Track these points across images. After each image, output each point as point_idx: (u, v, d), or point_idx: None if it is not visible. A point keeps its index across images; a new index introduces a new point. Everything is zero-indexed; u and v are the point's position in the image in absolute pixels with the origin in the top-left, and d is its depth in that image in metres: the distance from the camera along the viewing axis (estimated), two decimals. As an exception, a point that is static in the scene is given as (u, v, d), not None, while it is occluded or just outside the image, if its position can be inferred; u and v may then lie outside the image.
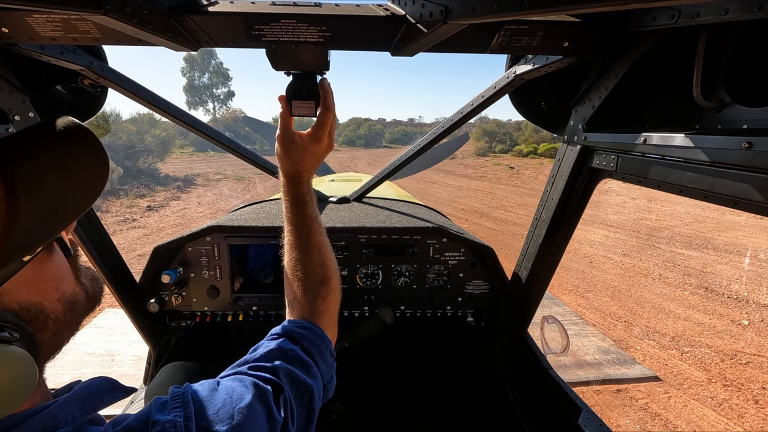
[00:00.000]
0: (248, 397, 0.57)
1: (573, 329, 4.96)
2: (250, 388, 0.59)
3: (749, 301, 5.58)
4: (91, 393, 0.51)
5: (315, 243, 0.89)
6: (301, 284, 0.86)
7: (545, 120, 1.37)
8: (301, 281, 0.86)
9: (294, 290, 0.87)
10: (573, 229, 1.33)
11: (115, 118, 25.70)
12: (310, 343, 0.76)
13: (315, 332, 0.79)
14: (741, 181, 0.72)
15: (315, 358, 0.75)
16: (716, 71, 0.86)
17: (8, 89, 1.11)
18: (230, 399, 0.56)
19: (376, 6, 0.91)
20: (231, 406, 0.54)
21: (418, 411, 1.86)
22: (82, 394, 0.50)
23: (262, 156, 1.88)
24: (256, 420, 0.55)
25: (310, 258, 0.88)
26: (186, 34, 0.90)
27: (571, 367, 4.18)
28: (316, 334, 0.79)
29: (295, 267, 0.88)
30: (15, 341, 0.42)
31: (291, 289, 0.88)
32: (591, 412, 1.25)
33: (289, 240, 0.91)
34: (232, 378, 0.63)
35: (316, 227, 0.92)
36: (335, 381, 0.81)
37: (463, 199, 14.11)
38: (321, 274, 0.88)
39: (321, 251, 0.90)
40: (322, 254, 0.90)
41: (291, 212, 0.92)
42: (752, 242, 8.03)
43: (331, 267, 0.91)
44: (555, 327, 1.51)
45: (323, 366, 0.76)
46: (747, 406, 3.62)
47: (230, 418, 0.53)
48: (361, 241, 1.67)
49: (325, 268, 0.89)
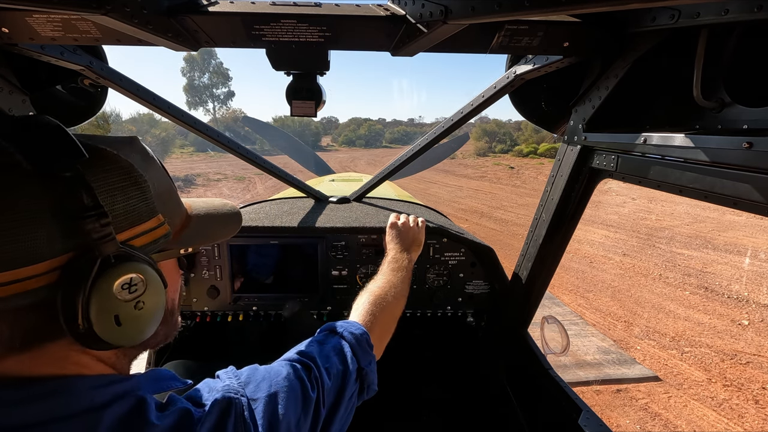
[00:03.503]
0: (285, 372, 0.68)
1: (573, 329, 4.97)
2: (285, 366, 0.70)
3: (749, 301, 5.58)
4: (159, 376, 0.59)
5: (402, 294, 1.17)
6: (376, 308, 1.04)
7: (545, 120, 1.37)
8: (368, 303, 1.05)
9: (361, 302, 1.06)
10: (573, 229, 1.33)
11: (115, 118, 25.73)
12: (346, 331, 0.86)
13: (354, 325, 0.90)
14: (741, 181, 0.72)
15: (350, 343, 0.84)
16: (716, 71, 0.86)
17: (8, 89, 1.11)
18: (269, 374, 0.67)
19: (376, 6, 0.91)
20: (270, 380, 0.65)
21: (418, 411, 1.86)
22: (153, 375, 0.58)
23: (262, 156, 1.88)
24: (291, 391, 0.65)
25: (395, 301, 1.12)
26: (186, 34, 0.90)
27: (571, 367, 4.19)
28: (354, 326, 0.89)
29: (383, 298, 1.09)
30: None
31: (361, 301, 1.07)
32: (591, 412, 1.25)
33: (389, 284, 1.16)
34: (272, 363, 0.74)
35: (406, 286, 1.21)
36: (375, 371, 0.88)
37: (463, 199, 14.11)
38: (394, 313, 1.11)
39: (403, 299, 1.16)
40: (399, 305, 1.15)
41: (396, 275, 1.21)
42: (752, 242, 8.03)
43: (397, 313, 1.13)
44: (555, 327, 1.51)
45: (359, 351, 0.84)
46: (747, 406, 3.62)
47: (269, 387, 0.63)
48: (361, 241, 1.67)
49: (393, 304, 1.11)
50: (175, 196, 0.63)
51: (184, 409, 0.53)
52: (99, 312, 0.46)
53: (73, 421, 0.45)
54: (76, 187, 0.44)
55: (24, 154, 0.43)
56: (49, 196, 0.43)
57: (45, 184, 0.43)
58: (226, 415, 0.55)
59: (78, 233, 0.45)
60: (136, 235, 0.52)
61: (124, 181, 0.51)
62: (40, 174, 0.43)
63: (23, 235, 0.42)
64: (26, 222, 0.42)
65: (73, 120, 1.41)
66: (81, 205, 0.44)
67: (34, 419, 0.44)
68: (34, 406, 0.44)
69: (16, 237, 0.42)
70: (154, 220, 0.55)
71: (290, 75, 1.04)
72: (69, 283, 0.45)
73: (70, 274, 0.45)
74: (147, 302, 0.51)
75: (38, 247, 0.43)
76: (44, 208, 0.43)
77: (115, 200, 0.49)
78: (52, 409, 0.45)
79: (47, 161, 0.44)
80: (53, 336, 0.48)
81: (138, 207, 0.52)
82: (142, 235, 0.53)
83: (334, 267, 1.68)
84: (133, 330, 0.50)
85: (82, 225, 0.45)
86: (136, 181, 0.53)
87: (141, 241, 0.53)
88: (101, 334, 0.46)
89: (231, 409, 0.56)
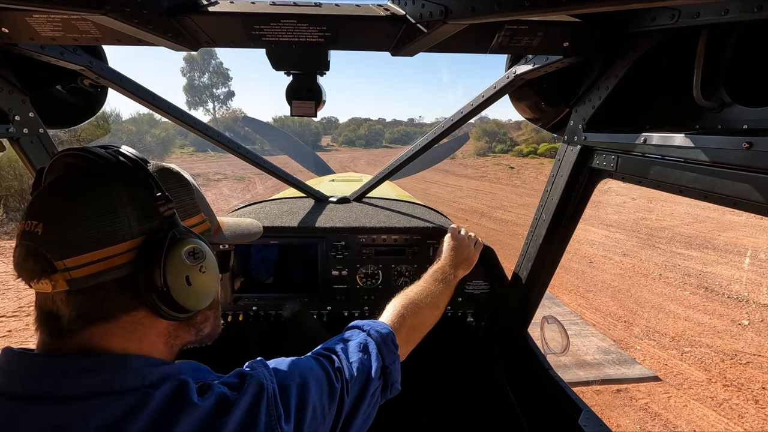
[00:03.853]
0: (312, 363, 0.74)
1: (573, 329, 4.97)
2: (311, 359, 0.76)
3: (749, 301, 5.58)
4: (198, 368, 0.66)
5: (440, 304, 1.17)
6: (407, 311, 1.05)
7: (545, 120, 1.37)
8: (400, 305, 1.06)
9: (396, 307, 1.06)
10: (573, 229, 1.33)
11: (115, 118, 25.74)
12: (372, 329, 0.90)
13: (380, 324, 0.93)
14: (741, 181, 0.72)
15: (376, 340, 0.87)
16: (716, 71, 0.86)
17: (8, 89, 1.11)
18: (297, 364, 0.72)
19: (376, 6, 0.91)
20: (299, 369, 0.71)
21: (418, 410, 1.86)
22: (192, 365, 0.65)
23: (262, 156, 1.88)
24: (318, 380, 0.70)
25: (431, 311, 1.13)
26: (186, 34, 0.90)
27: (572, 367, 4.18)
28: (380, 325, 0.93)
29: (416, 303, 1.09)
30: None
31: (394, 302, 1.08)
32: (591, 412, 1.25)
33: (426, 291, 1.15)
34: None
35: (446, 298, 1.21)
36: (399, 370, 0.90)
37: (463, 199, 14.11)
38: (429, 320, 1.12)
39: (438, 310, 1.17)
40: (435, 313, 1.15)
41: (437, 285, 1.21)
42: (752, 242, 8.03)
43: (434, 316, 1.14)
44: (555, 327, 1.51)
45: (384, 349, 0.87)
46: (747, 406, 3.62)
47: (297, 376, 0.69)
48: (361, 241, 1.67)
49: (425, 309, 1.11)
50: (208, 204, 0.76)
51: (221, 393, 0.59)
52: (174, 274, 0.57)
53: (128, 395, 0.53)
54: (147, 181, 0.58)
55: (109, 163, 0.57)
56: (126, 190, 0.57)
57: (123, 181, 0.57)
58: (258, 398, 0.61)
59: (150, 217, 0.58)
60: (189, 226, 0.65)
61: (178, 184, 0.66)
62: (120, 175, 0.57)
63: (110, 220, 0.55)
64: (112, 210, 0.55)
65: (73, 120, 1.41)
66: (151, 194, 0.58)
67: (97, 389, 0.52)
68: (98, 376, 0.53)
69: (105, 222, 0.54)
70: (198, 217, 0.69)
71: (290, 75, 1.04)
72: (147, 256, 0.56)
73: (148, 249, 0.57)
74: (207, 268, 0.62)
75: (122, 230, 0.55)
76: (124, 199, 0.56)
77: (173, 195, 0.63)
78: (111, 382, 0.53)
79: (123, 166, 0.58)
80: (130, 308, 0.58)
81: (188, 203, 0.67)
82: (193, 227, 0.66)
83: (334, 267, 1.68)
84: (199, 292, 0.61)
85: (154, 208, 0.58)
86: (186, 184, 0.68)
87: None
88: (176, 295, 0.57)
89: (263, 393, 0.62)
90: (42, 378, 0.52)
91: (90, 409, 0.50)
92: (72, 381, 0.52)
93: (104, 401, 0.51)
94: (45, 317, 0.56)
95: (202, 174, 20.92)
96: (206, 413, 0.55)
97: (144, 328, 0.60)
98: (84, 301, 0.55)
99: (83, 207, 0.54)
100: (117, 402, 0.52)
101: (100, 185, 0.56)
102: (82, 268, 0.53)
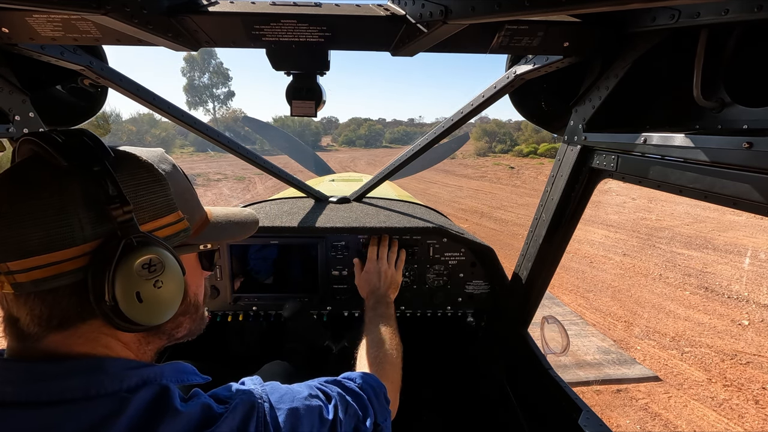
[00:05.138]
0: (305, 392, 0.70)
1: (573, 329, 4.97)
2: (305, 389, 0.72)
3: (749, 301, 5.58)
4: (182, 369, 0.62)
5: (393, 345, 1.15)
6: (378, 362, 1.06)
7: (545, 120, 1.37)
8: (377, 360, 1.06)
9: (369, 360, 1.07)
10: (573, 229, 1.33)
11: (115, 118, 25.75)
12: (365, 382, 0.86)
13: (373, 377, 0.90)
14: (741, 181, 0.72)
15: (368, 394, 0.84)
16: (716, 71, 0.86)
17: (8, 89, 1.10)
18: (291, 391, 0.69)
19: (376, 6, 0.91)
20: (292, 395, 0.67)
21: (418, 411, 1.86)
22: (175, 367, 0.61)
23: (262, 156, 1.88)
24: (310, 411, 0.67)
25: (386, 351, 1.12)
26: (186, 34, 0.90)
27: (572, 367, 4.19)
28: (373, 379, 0.90)
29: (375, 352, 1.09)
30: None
31: (368, 358, 1.07)
32: (591, 412, 1.25)
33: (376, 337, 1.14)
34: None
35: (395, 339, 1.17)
36: (390, 428, 0.87)
37: (463, 199, 14.12)
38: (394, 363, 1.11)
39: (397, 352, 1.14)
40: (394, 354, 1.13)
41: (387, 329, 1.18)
42: (752, 242, 8.03)
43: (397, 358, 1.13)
44: (555, 327, 1.51)
45: (377, 404, 0.84)
46: (747, 406, 3.62)
47: (291, 401, 0.66)
48: (361, 241, 1.67)
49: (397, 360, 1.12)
50: (193, 197, 0.70)
51: (205, 404, 0.56)
52: (122, 288, 0.51)
53: (105, 400, 0.50)
54: (103, 179, 0.51)
55: (62, 155, 0.51)
56: (80, 188, 0.51)
57: (77, 177, 0.51)
58: (249, 416, 0.58)
59: (105, 221, 0.52)
60: (157, 227, 0.59)
61: (146, 179, 0.58)
62: (74, 170, 0.51)
63: (59, 221, 0.49)
64: (61, 210, 0.49)
65: (73, 120, 1.41)
66: (107, 194, 0.51)
67: (70, 395, 0.48)
68: (72, 380, 0.49)
69: (53, 223, 0.49)
70: (173, 215, 0.61)
71: (290, 75, 1.04)
72: (97, 264, 0.51)
73: (99, 256, 0.51)
74: (166, 282, 0.56)
75: (72, 233, 0.50)
76: (77, 198, 0.50)
77: (138, 194, 0.56)
78: (87, 386, 0.50)
79: (79, 159, 0.51)
80: (85, 316, 0.53)
81: (159, 202, 0.59)
82: (163, 228, 0.60)
83: (334, 267, 1.68)
84: (153, 308, 0.55)
85: (108, 211, 0.51)
86: (157, 178, 0.60)
87: (162, 233, 0.59)
88: (125, 311, 0.51)
89: (254, 412, 0.59)
90: (13, 383, 0.49)
91: (65, 416, 0.47)
92: (45, 386, 0.48)
93: (80, 407, 0.48)
94: (7, 320, 0.53)
95: (202, 174, 20.93)
96: (189, 422, 0.52)
97: (106, 336, 0.56)
98: (34, 306, 0.50)
99: (31, 205, 0.48)
100: (93, 407, 0.48)
101: (52, 180, 0.50)
102: (27, 272, 0.48)
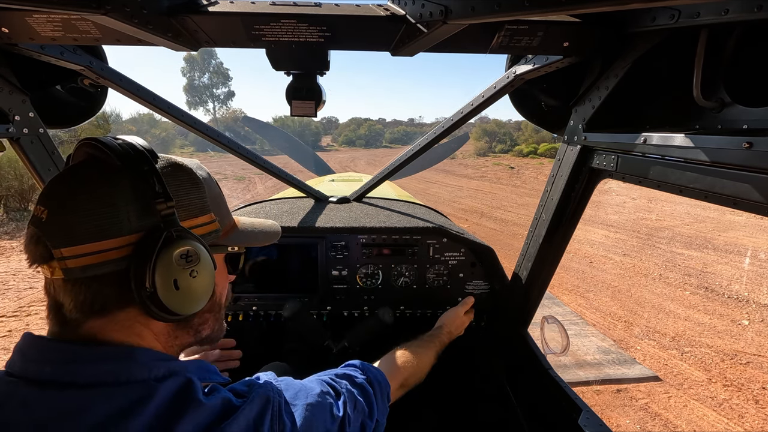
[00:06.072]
0: (318, 388, 0.74)
1: (573, 329, 4.97)
2: (317, 385, 0.75)
3: (749, 301, 5.58)
4: (205, 367, 0.65)
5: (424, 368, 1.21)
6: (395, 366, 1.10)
7: (545, 120, 1.37)
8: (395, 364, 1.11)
9: (389, 358, 1.12)
10: (573, 229, 1.33)
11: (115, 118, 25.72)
12: (374, 377, 0.91)
13: (381, 374, 0.94)
14: (741, 181, 0.72)
15: (375, 390, 0.88)
16: (716, 71, 0.86)
17: (8, 89, 1.11)
18: (305, 387, 0.73)
19: (376, 6, 0.91)
20: (306, 392, 0.71)
21: (418, 410, 1.86)
22: (199, 364, 0.64)
23: (262, 156, 1.88)
24: (323, 407, 0.71)
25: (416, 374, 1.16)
26: (186, 34, 0.90)
27: (572, 367, 4.18)
28: (381, 376, 0.94)
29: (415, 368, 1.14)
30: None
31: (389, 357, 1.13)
32: (591, 412, 1.25)
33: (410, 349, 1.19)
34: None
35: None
36: (385, 424, 0.90)
37: (463, 199, 14.11)
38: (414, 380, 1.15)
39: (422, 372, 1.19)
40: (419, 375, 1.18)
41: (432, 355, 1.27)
42: (752, 242, 8.03)
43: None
44: (555, 327, 1.51)
45: (380, 401, 0.88)
46: (747, 406, 3.62)
47: (305, 398, 0.69)
48: (361, 241, 1.67)
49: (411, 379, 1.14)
50: (224, 203, 0.76)
51: (225, 398, 0.59)
52: (162, 276, 0.56)
53: (135, 386, 0.54)
54: (150, 177, 0.57)
55: (116, 156, 0.57)
56: (130, 184, 0.57)
57: (128, 175, 0.57)
58: (264, 410, 0.61)
59: (150, 215, 0.57)
60: (193, 225, 0.64)
61: (186, 181, 0.65)
62: (125, 169, 0.57)
63: (110, 213, 0.55)
64: (113, 203, 0.55)
65: (73, 120, 1.41)
66: (153, 190, 0.57)
67: (103, 378, 0.53)
68: (105, 365, 0.54)
69: (105, 215, 0.55)
70: (207, 216, 0.68)
71: (290, 75, 1.04)
72: (140, 254, 0.56)
73: (142, 246, 0.56)
74: (200, 273, 0.60)
75: (120, 223, 0.55)
76: (127, 193, 0.56)
77: (179, 194, 0.62)
78: (119, 372, 0.54)
79: (130, 160, 0.58)
80: (123, 304, 0.58)
81: (195, 202, 0.66)
82: (198, 227, 0.65)
83: (334, 267, 1.68)
84: (187, 297, 0.60)
85: (153, 206, 0.57)
86: (195, 182, 0.66)
87: (196, 231, 0.64)
88: (162, 297, 0.56)
89: (269, 406, 0.62)
90: (53, 363, 0.53)
91: (98, 399, 0.51)
92: (80, 368, 0.53)
93: (110, 391, 0.52)
94: (52, 305, 0.58)
95: (202, 174, 20.85)
96: (211, 414, 0.55)
97: (140, 325, 0.60)
98: (79, 292, 0.55)
99: (86, 198, 0.55)
100: (123, 393, 0.52)
101: (105, 178, 0.57)
102: (77, 258, 0.53)
